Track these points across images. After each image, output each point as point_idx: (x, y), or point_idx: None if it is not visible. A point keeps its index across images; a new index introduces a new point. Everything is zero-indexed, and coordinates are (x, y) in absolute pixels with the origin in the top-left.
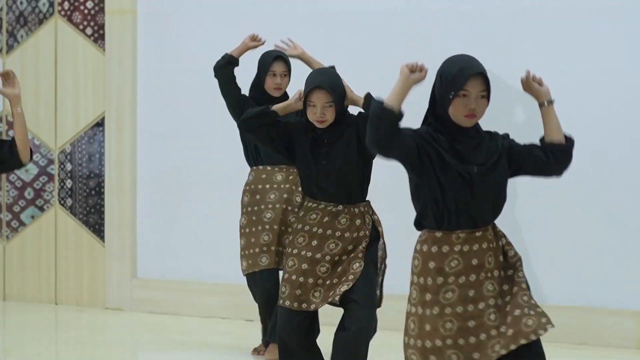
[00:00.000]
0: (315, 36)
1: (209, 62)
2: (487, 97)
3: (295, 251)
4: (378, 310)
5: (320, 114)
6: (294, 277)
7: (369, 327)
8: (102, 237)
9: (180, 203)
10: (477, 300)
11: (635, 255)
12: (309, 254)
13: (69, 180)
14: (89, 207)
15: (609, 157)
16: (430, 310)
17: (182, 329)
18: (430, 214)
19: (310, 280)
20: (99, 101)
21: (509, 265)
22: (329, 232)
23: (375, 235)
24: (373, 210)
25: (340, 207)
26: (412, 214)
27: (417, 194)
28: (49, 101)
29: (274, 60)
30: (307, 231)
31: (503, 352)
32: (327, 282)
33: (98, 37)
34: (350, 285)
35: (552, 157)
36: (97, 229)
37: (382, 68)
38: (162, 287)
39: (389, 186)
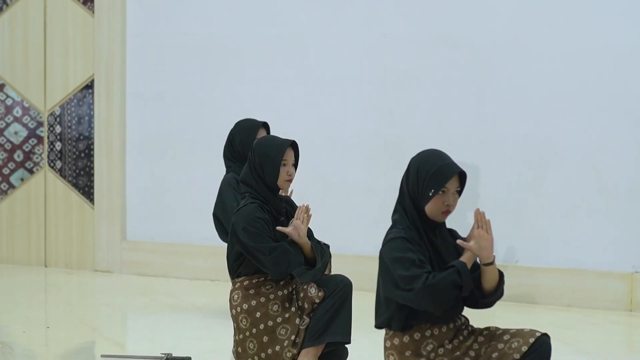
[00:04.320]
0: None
1: (198, 25)
2: (460, 193)
3: (279, 319)
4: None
5: (292, 172)
6: (293, 337)
7: (350, 281)
8: (91, 200)
9: (170, 166)
10: (466, 353)
11: (624, 219)
12: (293, 309)
13: (58, 143)
14: (79, 170)
15: (600, 122)
16: None
17: (171, 291)
18: (402, 317)
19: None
20: (88, 64)
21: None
22: (290, 288)
23: None
24: None
25: None
26: (401, 177)
27: (388, 304)
28: (38, 64)
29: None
30: (273, 299)
31: (528, 342)
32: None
33: None
34: (322, 296)
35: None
36: (87, 191)
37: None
38: (151, 249)
39: (380, 150)
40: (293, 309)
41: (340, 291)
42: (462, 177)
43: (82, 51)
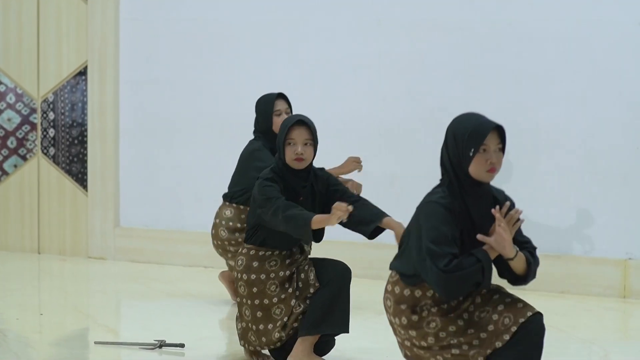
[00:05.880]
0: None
1: (191, 11)
2: (503, 150)
3: (275, 299)
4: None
5: (301, 150)
6: (285, 319)
7: (348, 267)
8: (85, 187)
9: (163, 152)
10: (460, 315)
11: (618, 205)
12: (290, 290)
13: (51, 130)
14: (72, 156)
15: (593, 106)
16: (426, 341)
17: (165, 278)
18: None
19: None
20: (82, 50)
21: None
22: (293, 269)
23: None
24: None
25: (295, 248)
26: (394, 162)
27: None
28: (32, 50)
29: (276, 99)
30: (273, 278)
31: (518, 322)
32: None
33: None
34: (314, 269)
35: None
36: (80, 178)
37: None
38: (145, 236)
39: (374, 136)
40: (290, 290)
41: (338, 280)
42: (501, 134)
43: (75, 37)
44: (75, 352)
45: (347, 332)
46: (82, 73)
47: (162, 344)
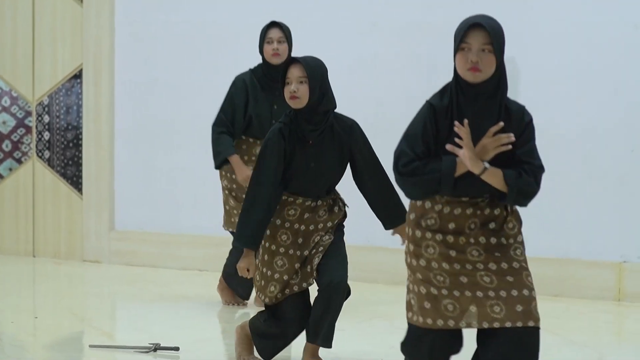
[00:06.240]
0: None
1: (188, 13)
2: (494, 52)
3: (282, 250)
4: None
5: (294, 88)
6: (285, 278)
7: (345, 280)
8: (79, 190)
9: (159, 155)
10: (461, 261)
11: (613, 207)
12: (299, 253)
13: (46, 133)
14: (67, 160)
15: (587, 107)
16: (417, 262)
17: (161, 281)
18: None
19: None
20: (77, 53)
21: (500, 235)
22: (311, 227)
23: (343, 215)
24: (337, 192)
25: (320, 201)
26: (392, 163)
27: None
28: (27, 53)
29: (269, 28)
30: (288, 228)
31: (505, 321)
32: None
33: None
34: (321, 257)
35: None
36: (75, 181)
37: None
38: (140, 239)
39: (370, 137)
40: (299, 252)
41: (333, 291)
42: (496, 35)
43: (70, 40)
44: (69, 355)
45: (330, 347)
46: (77, 76)
47: (156, 347)
